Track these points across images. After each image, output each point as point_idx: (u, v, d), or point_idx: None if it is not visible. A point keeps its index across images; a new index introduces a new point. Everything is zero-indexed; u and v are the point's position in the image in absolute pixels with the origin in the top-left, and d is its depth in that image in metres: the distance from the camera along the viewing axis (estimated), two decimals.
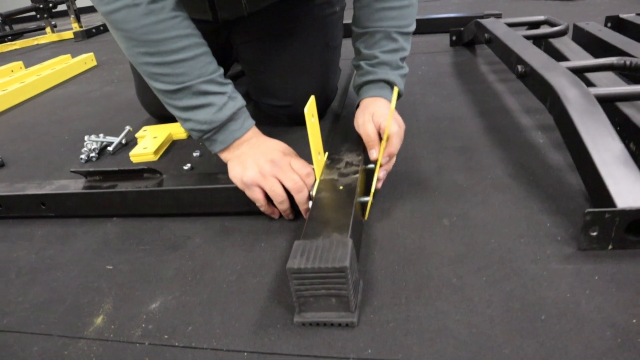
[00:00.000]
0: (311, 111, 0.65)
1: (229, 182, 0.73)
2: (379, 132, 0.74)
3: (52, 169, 1.07)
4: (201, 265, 0.67)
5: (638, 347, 0.46)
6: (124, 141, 1.14)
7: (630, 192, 0.58)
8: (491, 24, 1.30)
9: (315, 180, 0.70)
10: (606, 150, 0.64)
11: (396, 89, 0.70)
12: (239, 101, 0.75)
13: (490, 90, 1.19)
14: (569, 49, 1.19)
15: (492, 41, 1.23)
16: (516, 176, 0.78)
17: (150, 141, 1.08)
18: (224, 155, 0.76)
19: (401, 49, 0.82)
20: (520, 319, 0.51)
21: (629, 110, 0.81)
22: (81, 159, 1.07)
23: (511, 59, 1.03)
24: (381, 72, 0.81)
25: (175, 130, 1.14)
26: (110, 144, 1.12)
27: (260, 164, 0.70)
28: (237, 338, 0.54)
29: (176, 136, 1.14)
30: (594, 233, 0.58)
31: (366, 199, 0.68)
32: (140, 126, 1.20)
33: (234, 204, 0.75)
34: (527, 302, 0.53)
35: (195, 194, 0.76)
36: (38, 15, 3.38)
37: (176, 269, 0.67)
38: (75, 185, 0.82)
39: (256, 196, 0.70)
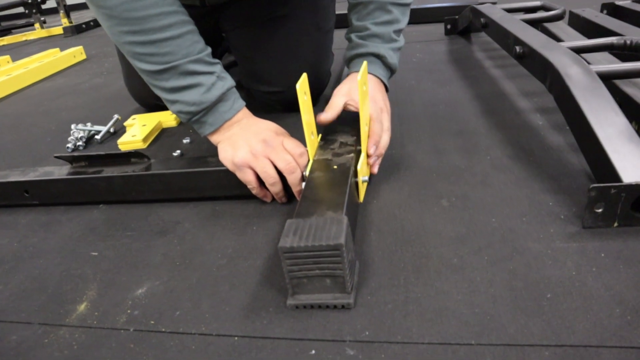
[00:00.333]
0: (303, 88, 0.62)
1: (219, 164, 0.71)
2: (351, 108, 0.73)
3: (38, 158, 1.03)
4: (190, 249, 0.64)
5: None
6: (112, 130, 1.11)
7: (636, 167, 0.56)
8: (487, 8, 1.27)
9: (309, 160, 0.67)
10: (610, 125, 0.61)
11: (365, 63, 0.65)
12: (229, 81, 0.72)
13: (487, 76, 1.17)
14: (566, 33, 1.17)
15: (488, 25, 1.20)
16: (516, 157, 0.76)
17: (139, 129, 1.05)
18: (214, 138, 0.73)
19: (395, 20, 0.79)
20: (525, 297, 0.49)
21: (630, 90, 0.79)
22: (68, 147, 1.04)
23: (508, 41, 1.00)
24: (371, 45, 0.78)
25: (165, 118, 1.11)
26: (97, 132, 1.09)
27: (252, 144, 0.67)
28: (227, 322, 0.51)
29: (166, 124, 1.11)
30: (599, 210, 0.55)
31: (362, 178, 0.65)
32: (129, 115, 1.17)
33: (225, 188, 0.72)
34: (531, 280, 0.51)
35: (184, 177, 0.73)
36: (27, 11, 3.32)
37: (164, 254, 0.64)
38: (59, 172, 0.79)
39: (247, 178, 0.68)
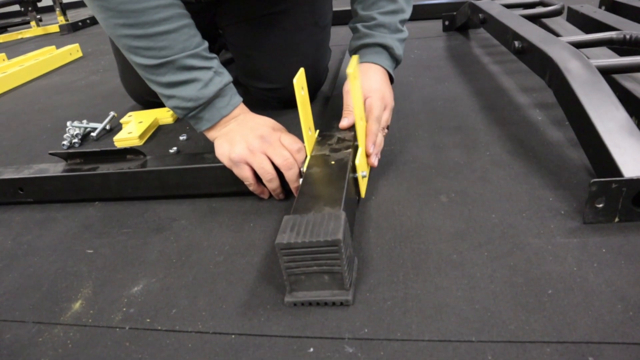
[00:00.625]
0: (300, 83, 0.62)
1: (216, 161, 0.70)
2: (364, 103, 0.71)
3: (33, 156, 1.02)
4: (187, 247, 0.64)
5: None
6: (108, 127, 1.10)
7: (637, 161, 0.55)
8: (486, 4, 1.27)
9: (306, 156, 0.66)
10: (610, 119, 0.61)
11: (355, 58, 0.64)
12: (226, 76, 0.71)
13: (485, 72, 1.16)
14: (564, 28, 1.16)
15: (486, 21, 1.19)
16: (515, 153, 0.75)
17: (135, 126, 1.04)
18: (210, 134, 0.72)
19: (401, 10, 0.78)
20: (526, 294, 0.48)
21: (629, 84, 0.79)
22: (63, 145, 1.03)
23: (507, 36, 1.00)
24: (378, 36, 0.77)
25: (161, 115, 1.10)
26: (93, 129, 1.08)
27: (249, 140, 0.66)
28: (224, 320, 0.50)
29: (162, 121, 1.10)
30: (600, 205, 0.55)
31: (362, 173, 0.64)
32: (125, 113, 1.16)
33: (222, 184, 0.72)
34: (531, 276, 0.50)
35: (181, 174, 0.72)
36: (23, 9, 3.30)
37: (160, 251, 0.64)
38: (54, 169, 0.78)
39: (244, 174, 0.67)
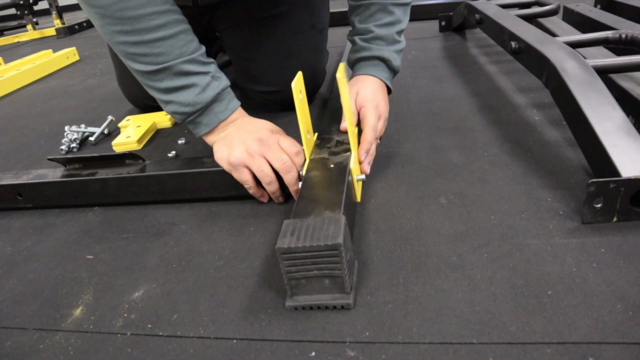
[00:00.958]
0: (299, 87, 0.62)
1: (215, 165, 0.70)
2: (358, 112, 0.72)
3: (31, 161, 1.02)
4: (187, 251, 0.64)
5: None
6: (106, 131, 1.10)
7: (635, 161, 0.56)
8: (482, 4, 1.27)
9: (305, 159, 0.66)
10: (607, 119, 0.61)
11: (342, 65, 0.63)
12: (223, 81, 0.71)
13: (482, 72, 1.16)
14: (561, 28, 1.17)
15: (483, 21, 1.20)
16: (513, 153, 0.75)
17: (134, 130, 1.04)
18: (209, 138, 0.72)
19: (397, 21, 0.78)
20: (526, 295, 0.48)
21: (626, 84, 0.79)
22: (61, 149, 1.03)
23: (504, 36, 1.00)
24: (375, 49, 0.77)
25: (160, 119, 1.10)
26: (91, 134, 1.08)
27: (248, 143, 0.66)
28: (226, 325, 0.51)
29: (160, 125, 1.10)
30: (598, 205, 0.55)
31: (357, 177, 0.64)
32: (123, 117, 1.16)
33: (221, 188, 0.72)
34: (531, 277, 0.50)
35: (180, 179, 0.72)
36: (18, 12, 3.29)
37: (160, 256, 0.64)
38: (53, 174, 0.78)
39: (244, 177, 0.67)
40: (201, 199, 0.75)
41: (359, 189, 0.67)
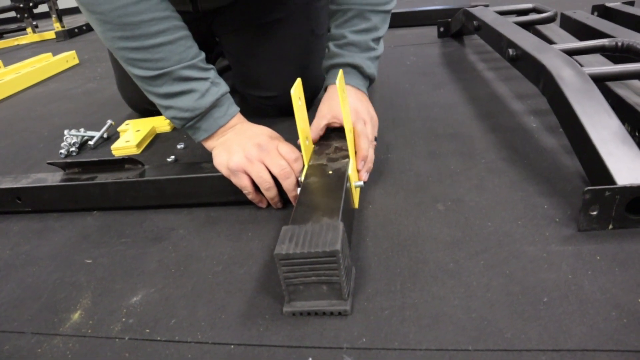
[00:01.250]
0: (298, 93, 0.62)
1: (214, 170, 0.70)
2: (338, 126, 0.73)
3: (30, 164, 1.03)
4: (185, 256, 0.64)
5: None
6: (105, 135, 1.11)
7: (630, 169, 0.56)
8: (480, 11, 1.28)
9: (304, 165, 0.67)
10: (603, 127, 0.62)
11: (340, 72, 0.63)
12: (223, 87, 0.72)
13: (480, 78, 1.17)
14: (558, 35, 1.18)
15: (481, 28, 1.21)
16: (510, 160, 0.76)
17: (133, 134, 1.04)
18: (208, 144, 0.73)
19: (374, 28, 0.77)
20: (522, 302, 0.49)
21: (622, 92, 0.80)
22: (60, 153, 1.03)
23: (501, 43, 1.01)
24: (347, 55, 0.77)
25: (159, 124, 1.10)
26: (91, 138, 1.08)
27: (247, 149, 0.67)
28: (224, 330, 0.51)
29: (160, 129, 1.11)
30: (594, 212, 0.56)
31: (355, 184, 0.65)
32: (123, 121, 1.16)
33: (220, 193, 0.72)
34: (527, 284, 0.51)
35: (179, 184, 0.73)
36: (18, 15, 3.30)
37: (159, 261, 0.64)
38: (52, 178, 0.79)
39: (243, 183, 0.67)
40: (200, 204, 0.75)
41: (357, 195, 0.67)
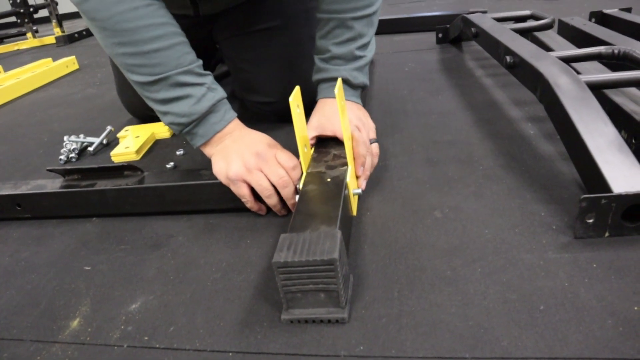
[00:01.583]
0: (296, 101, 0.63)
1: (213, 177, 0.71)
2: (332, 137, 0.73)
3: (30, 170, 1.03)
4: (184, 263, 0.64)
5: None
6: (105, 141, 1.11)
7: (626, 177, 0.57)
8: (478, 18, 1.29)
9: (302, 173, 0.67)
10: (600, 135, 0.62)
11: (339, 82, 0.63)
12: (219, 92, 0.72)
13: (478, 85, 1.18)
14: (555, 41, 1.18)
15: (479, 35, 1.21)
16: (508, 167, 0.76)
17: (132, 140, 1.05)
18: (206, 150, 0.73)
19: (358, 36, 0.77)
20: (518, 309, 0.49)
21: (619, 99, 0.80)
22: (60, 159, 1.03)
23: (499, 50, 1.01)
24: (332, 70, 0.77)
25: (158, 130, 1.11)
26: (90, 144, 1.09)
27: (245, 158, 0.67)
28: (222, 338, 0.51)
29: (159, 135, 1.11)
30: (590, 220, 0.56)
31: (353, 191, 0.65)
32: (122, 127, 1.17)
33: (219, 201, 0.72)
34: (524, 292, 0.51)
35: (178, 191, 0.73)
36: (19, 20, 3.31)
37: (158, 268, 0.64)
38: (52, 185, 0.79)
39: (242, 192, 0.68)
40: (199, 210, 0.75)
41: (355, 202, 0.68)
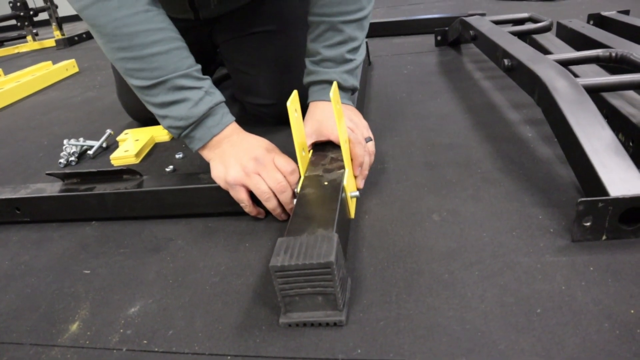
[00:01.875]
0: (294, 105, 0.63)
1: (212, 181, 0.71)
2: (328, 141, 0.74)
3: (30, 174, 1.03)
4: (183, 267, 0.65)
5: (637, 338, 0.44)
6: (104, 145, 1.11)
7: (623, 180, 0.57)
8: (476, 21, 1.29)
9: (300, 177, 0.67)
10: (597, 139, 0.62)
11: (335, 85, 0.64)
12: (217, 96, 0.73)
13: (477, 87, 1.18)
14: (554, 44, 1.18)
15: (477, 38, 1.22)
16: (506, 170, 0.77)
17: (132, 144, 1.05)
18: (205, 154, 0.74)
19: (349, 39, 0.77)
20: (515, 313, 0.49)
21: (616, 102, 0.80)
22: (60, 163, 1.04)
23: (497, 53, 1.02)
24: (323, 72, 0.77)
25: (158, 133, 1.11)
26: (90, 147, 1.09)
27: (243, 163, 0.67)
28: (221, 341, 0.51)
29: (158, 139, 1.11)
30: (588, 223, 0.56)
31: (350, 194, 0.65)
32: (122, 130, 1.17)
33: (217, 204, 0.73)
34: (521, 295, 0.51)
35: (177, 194, 0.73)
36: (19, 24, 3.32)
37: (157, 271, 0.64)
38: (51, 189, 0.79)
39: (240, 196, 0.68)
40: (198, 214, 0.75)
41: (353, 205, 0.68)
